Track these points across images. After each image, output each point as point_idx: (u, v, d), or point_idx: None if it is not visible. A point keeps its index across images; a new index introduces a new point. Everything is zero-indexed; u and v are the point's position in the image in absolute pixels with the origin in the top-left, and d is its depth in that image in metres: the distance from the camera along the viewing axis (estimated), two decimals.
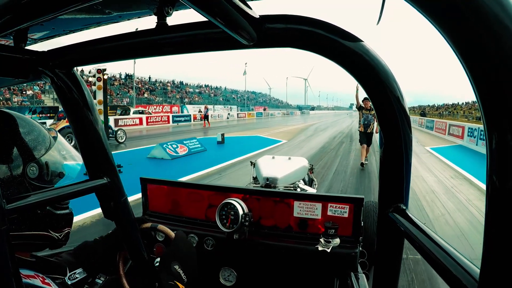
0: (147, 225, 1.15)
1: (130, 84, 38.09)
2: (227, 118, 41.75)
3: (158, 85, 43.34)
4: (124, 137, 14.13)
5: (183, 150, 10.50)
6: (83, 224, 4.34)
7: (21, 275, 0.56)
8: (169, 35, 0.68)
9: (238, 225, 1.47)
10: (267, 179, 2.91)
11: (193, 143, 11.27)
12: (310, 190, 3.15)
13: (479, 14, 0.29)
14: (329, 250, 1.34)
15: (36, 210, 0.70)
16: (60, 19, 0.70)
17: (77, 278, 0.77)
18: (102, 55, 0.77)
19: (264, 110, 62.34)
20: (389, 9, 0.58)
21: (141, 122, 24.74)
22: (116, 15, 0.71)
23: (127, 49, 0.74)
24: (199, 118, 30.17)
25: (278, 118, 51.15)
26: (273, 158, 3.59)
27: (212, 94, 56.18)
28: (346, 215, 1.44)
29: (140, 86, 38.06)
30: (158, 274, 0.96)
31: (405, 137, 0.62)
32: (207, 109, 28.82)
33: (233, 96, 66.10)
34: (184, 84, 51.12)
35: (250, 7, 0.58)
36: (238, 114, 46.66)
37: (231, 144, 13.42)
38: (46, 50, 0.80)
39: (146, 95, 37.33)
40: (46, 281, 0.68)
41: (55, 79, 0.81)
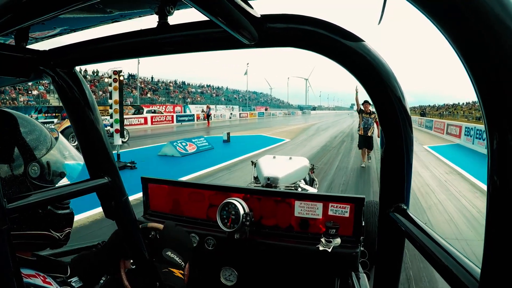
0: None
1: (133, 84, 38.14)
2: (230, 118, 42.11)
3: (160, 85, 43.32)
4: (127, 136, 14.20)
5: (192, 148, 10.80)
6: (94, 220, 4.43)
7: (22, 275, 0.56)
8: (170, 35, 0.68)
9: (239, 224, 1.47)
10: (268, 179, 2.91)
11: (201, 142, 11.62)
12: (311, 190, 3.15)
13: (480, 14, 0.29)
14: (330, 250, 1.34)
15: (37, 210, 0.70)
16: (61, 18, 0.70)
17: (73, 286, 0.77)
18: (104, 55, 0.77)
19: (265, 110, 62.19)
20: (389, 9, 0.57)
21: (146, 122, 25.05)
22: (117, 14, 0.71)
23: (129, 48, 0.74)
24: (202, 118, 30.33)
25: (279, 118, 51.48)
26: (274, 157, 3.59)
27: (214, 94, 56.09)
28: (347, 215, 1.44)
29: (143, 86, 38.07)
30: (159, 274, 0.96)
31: (406, 137, 0.62)
32: (209, 108, 29.12)
33: (234, 96, 65.92)
34: (186, 84, 51.11)
35: (251, 7, 0.58)
36: (240, 114, 46.80)
37: (237, 142, 13.79)
38: (48, 49, 0.81)
39: (149, 95, 37.32)
40: (47, 280, 0.68)
41: (56, 78, 0.81)
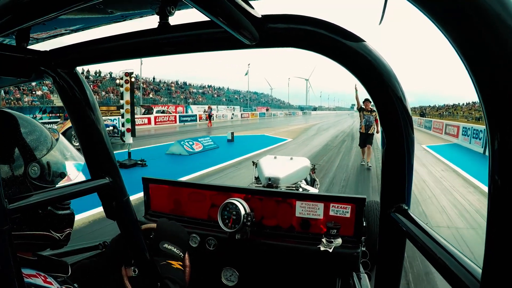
0: None
1: (135, 84, 38.12)
2: (231, 118, 42.49)
3: (162, 85, 43.35)
4: None
5: (199, 147, 11.22)
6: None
7: (23, 275, 0.56)
8: (171, 35, 0.68)
9: (240, 225, 1.47)
10: (269, 179, 2.91)
11: (207, 141, 12.04)
12: (312, 190, 3.14)
13: (481, 13, 0.29)
14: (331, 250, 1.33)
15: (37, 210, 0.70)
16: (62, 19, 0.70)
17: (74, 286, 0.76)
18: (105, 55, 0.77)
19: (267, 110, 62.35)
20: (390, 9, 0.57)
21: (149, 122, 25.42)
22: (118, 15, 0.71)
23: (130, 48, 0.74)
24: (204, 118, 30.57)
25: (280, 118, 51.70)
26: (275, 158, 3.59)
27: (215, 95, 56.15)
28: (348, 215, 1.44)
29: (145, 86, 38.11)
30: (160, 274, 0.96)
31: (407, 137, 0.62)
32: (211, 109, 29.43)
33: (235, 96, 65.97)
34: (187, 84, 51.17)
35: (252, 7, 0.58)
36: (241, 114, 47.13)
37: (241, 142, 14.28)
38: (49, 49, 0.80)
39: (151, 96, 37.37)
40: (48, 280, 0.68)
41: (57, 79, 0.81)
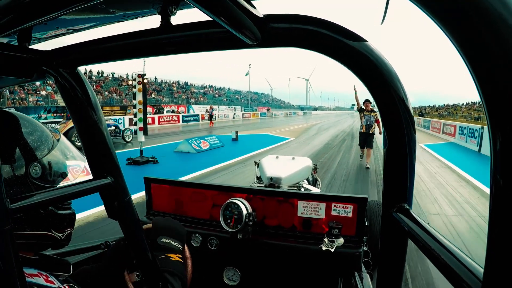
0: None
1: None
2: (233, 118, 42.72)
3: (164, 85, 43.41)
4: (131, 136, 14.32)
5: (206, 145, 11.74)
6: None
7: (24, 274, 0.56)
8: (173, 35, 0.68)
9: (242, 224, 1.47)
10: (271, 179, 2.91)
11: (213, 139, 12.59)
12: (314, 190, 3.14)
13: (483, 13, 0.29)
14: (333, 250, 1.33)
15: (39, 210, 0.70)
16: (64, 18, 0.70)
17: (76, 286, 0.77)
18: (106, 55, 0.77)
19: (267, 110, 62.52)
20: (391, 8, 0.57)
21: (153, 122, 25.69)
22: (120, 15, 0.71)
23: (131, 48, 0.74)
24: (207, 118, 30.80)
25: (281, 118, 51.96)
26: (277, 158, 3.59)
27: (216, 95, 56.21)
28: (350, 215, 1.44)
29: (147, 86, 38.20)
30: (161, 274, 0.96)
31: (409, 137, 0.62)
32: (212, 109, 29.67)
33: (236, 96, 66.07)
34: (189, 84, 51.28)
35: (254, 7, 0.58)
36: (243, 114, 47.36)
37: (244, 141, 14.86)
38: (50, 49, 0.80)
39: (153, 96, 37.38)
40: (49, 279, 0.68)
41: (59, 79, 0.81)
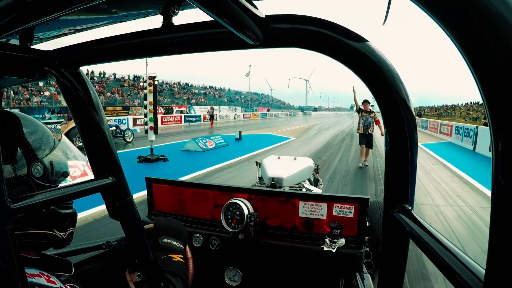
0: None
1: (139, 85, 38.34)
2: (234, 118, 43.05)
3: (165, 86, 43.48)
4: (132, 136, 14.36)
5: (211, 144, 12.24)
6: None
7: (26, 274, 0.56)
8: (175, 35, 0.68)
9: (244, 225, 1.47)
10: (273, 179, 2.91)
11: (218, 139, 13.07)
12: (316, 190, 3.14)
13: (485, 13, 0.29)
14: (334, 250, 1.33)
15: (41, 209, 0.70)
16: (66, 19, 0.70)
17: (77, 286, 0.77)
18: (108, 55, 0.77)
19: (268, 111, 62.90)
20: (392, 9, 0.57)
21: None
22: (122, 15, 0.71)
23: (133, 48, 0.74)
24: (208, 118, 30.93)
25: (281, 119, 52.29)
26: (278, 158, 3.58)
27: (216, 95, 56.30)
28: (351, 215, 1.43)
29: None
30: (163, 274, 0.96)
31: (410, 137, 0.62)
32: (213, 109, 29.94)
33: (236, 97, 66.33)
34: (189, 85, 51.38)
35: (256, 7, 0.57)
36: (244, 114, 47.67)
37: (248, 140, 15.38)
38: (52, 49, 0.80)
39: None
40: (51, 279, 0.68)
41: (61, 79, 0.81)
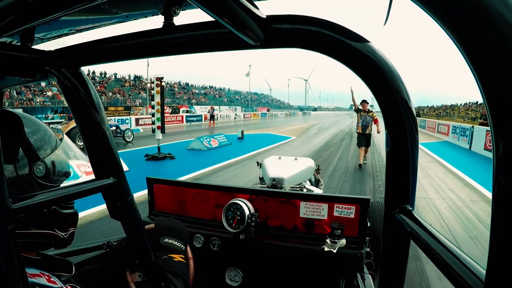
0: None
1: (139, 85, 38.51)
2: (235, 118, 43.25)
3: (166, 86, 43.62)
4: (131, 136, 14.36)
5: (215, 143, 12.66)
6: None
7: (27, 274, 0.56)
8: (176, 35, 0.68)
9: (244, 225, 1.46)
10: (274, 180, 2.91)
11: (221, 138, 13.45)
12: (317, 191, 3.14)
13: (486, 14, 0.29)
14: (335, 251, 1.33)
15: (42, 209, 0.70)
16: (67, 19, 0.70)
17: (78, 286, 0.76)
18: (109, 55, 0.77)
19: (268, 111, 63.16)
20: (393, 9, 0.57)
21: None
22: (123, 15, 0.71)
23: (134, 48, 0.74)
24: (209, 118, 31.08)
25: (281, 119, 52.51)
26: (279, 158, 3.59)
27: (216, 95, 56.44)
28: (352, 216, 1.43)
29: (149, 87, 38.30)
30: (164, 274, 0.96)
31: (411, 137, 0.62)
32: (213, 109, 30.17)
33: (236, 97, 66.61)
34: (189, 85, 51.51)
35: (257, 7, 0.57)
36: (244, 114, 47.87)
37: (250, 139, 15.81)
38: (53, 49, 0.80)
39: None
40: (51, 279, 0.68)
41: (62, 79, 0.81)
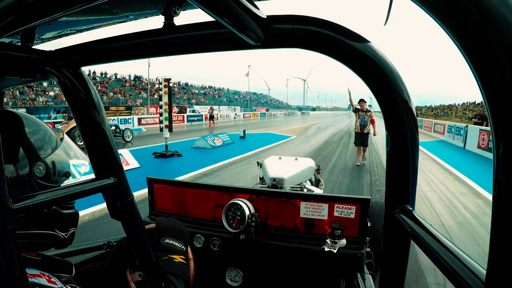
0: None
1: (140, 85, 38.56)
2: (234, 118, 43.36)
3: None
4: (131, 136, 14.35)
5: (219, 141, 13.12)
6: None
7: (27, 275, 0.56)
8: (176, 35, 0.68)
9: (245, 225, 1.46)
10: (274, 180, 2.91)
11: (225, 137, 13.92)
12: (317, 191, 3.13)
13: (486, 14, 0.29)
14: (335, 251, 1.33)
15: (42, 209, 0.70)
16: (67, 19, 0.70)
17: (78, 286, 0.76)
18: (109, 55, 0.77)
19: (267, 110, 63.38)
20: (393, 9, 0.57)
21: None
22: (123, 15, 0.71)
23: (134, 48, 0.74)
24: (209, 118, 31.18)
25: (280, 118, 52.74)
26: (279, 158, 3.59)
27: (216, 95, 56.59)
28: (352, 216, 1.43)
29: (150, 87, 38.40)
30: (164, 275, 0.96)
31: (411, 138, 0.62)
32: (212, 109, 30.31)
33: (235, 97, 66.87)
34: (189, 85, 51.62)
35: (257, 7, 0.57)
36: (243, 114, 48.02)
37: (251, 138, 16.30)
38: (53, 49, 0.80)
39: (156, 96, 37.48)
40: (52, 279, 0.68)
41: (62, 79, 0.81)
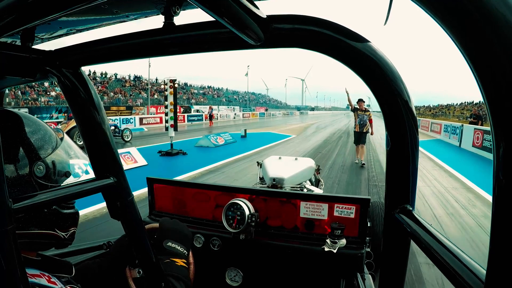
0: None
1: (140, 85, 38.59)
2: (234, 117, 43.56)
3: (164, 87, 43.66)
4: (130, 136, 14.35)
5: (222, 140, 13.44)
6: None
7: (27, 275, 0.56)
8: (176, 35, 0.68)
9: (245, 225, 1.46)
10: (274, 180, 2.91)
11: (227, 136, 14.26)
12: (317, 191, 3.13)
13: (487, 14, 0.29)
14: (335, 251, 1.33)
15: (42, 209, 0.70)
16: (67, 19, 0.70)
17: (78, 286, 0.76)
18: (109, 55, 0.77)
19: (266, 110, 63.61)
20: (393, 9, 0.57)
21: (161, 121, 26.41)
22: (123, 15, 0.71)
23: (134, 48, 0.74)
24: (208, 118, 31.28)
25: (279, 118, 53.05)
26: (279, 158, 3.59)
27: (215, 95, 56.71)
28: (352, 216, 1.43)
29: (149, 88, 38.43)
30: (165, 277, 0.96)
31: (411, 137, 0.62)
32: (212, 109, 30.43)
33: (234, 97, 67.06)
34: (188, 85, 51.77)
35: (257, 7, 0.57)
36: (243, 114, 48.24)
37: (252, 138, 16.64)
38: (53, 49, 0.80)
39: (156, 96, 37.53)
40: (52, 280, 0.68)
41: (62, 79, 0.81)
